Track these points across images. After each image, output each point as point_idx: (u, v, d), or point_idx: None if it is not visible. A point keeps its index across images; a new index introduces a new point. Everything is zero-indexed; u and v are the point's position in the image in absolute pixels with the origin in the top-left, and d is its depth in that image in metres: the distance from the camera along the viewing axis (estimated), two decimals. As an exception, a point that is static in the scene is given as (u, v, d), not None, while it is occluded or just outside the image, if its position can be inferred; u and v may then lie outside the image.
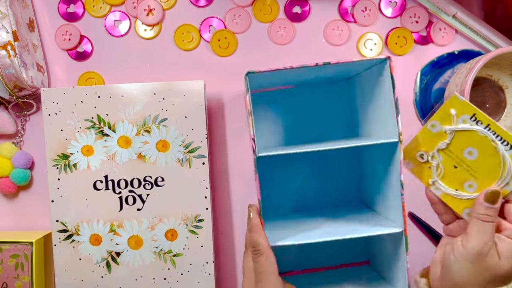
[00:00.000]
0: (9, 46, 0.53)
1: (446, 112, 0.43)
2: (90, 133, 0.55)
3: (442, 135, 0.44)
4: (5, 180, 0.59)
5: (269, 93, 0.60)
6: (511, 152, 0.42)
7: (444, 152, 0.44)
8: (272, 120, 0.60)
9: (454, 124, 0.43)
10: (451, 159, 0.44)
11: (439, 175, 0.45)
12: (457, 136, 0.43)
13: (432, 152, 0.44)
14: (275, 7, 0.60)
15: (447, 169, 0.44)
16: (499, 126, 0.41)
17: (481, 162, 0.43)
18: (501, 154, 0.42)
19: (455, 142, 0.43)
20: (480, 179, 0.43)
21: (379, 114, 0.51)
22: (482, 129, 0.42)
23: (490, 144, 0.42)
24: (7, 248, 0.55)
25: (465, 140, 0.43)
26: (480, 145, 0.42)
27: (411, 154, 0.46)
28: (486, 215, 0.41)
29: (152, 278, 0.56)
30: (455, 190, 0.44)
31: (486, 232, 0.40)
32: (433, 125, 0.44)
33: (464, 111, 0.43)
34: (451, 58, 0.60)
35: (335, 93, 0.60)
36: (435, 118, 0.44)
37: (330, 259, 0.60)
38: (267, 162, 0.60)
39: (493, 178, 0.42)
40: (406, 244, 0.47)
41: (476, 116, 0.42)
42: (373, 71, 0.51)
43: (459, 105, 0.43)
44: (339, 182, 0.61)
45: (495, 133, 0.42)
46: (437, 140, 0.44)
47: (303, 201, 0.61)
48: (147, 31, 0.60)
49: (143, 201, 0.56)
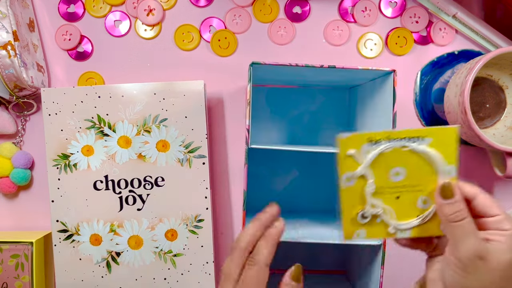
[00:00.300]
0: (9, 46, 0.53)
1: (346, 157, 0.38)
2: (90, 133, 0.55)
3: (362, 181, 0.39)
4: (5, 180, 0.59)
5: (270, 90, 0.60)
6: (426, 141, 0.38)
7: (377, 193, 0.39)
8: (270, 118, 0.61)
9: (363, 161, 0.38)
10: (388, 194, 0.39)
11: (393, 218, 0.39)
12: (374, 170, 0.38)
13: (368, 203, 0.39)
14: (275, 7, 0.60)
15: (394, 206, 0.39)
16: (395, 130, 0.38)
17: (413, 173, 0.38)
18: (420, 151, 0.38)
19: (377, 176, 0.38)
20: (425, 188, 0.38)
21: (377, 125, 0.51)
22: (386, 144, 0.38)
23: (405, 152, 0.38)
24: (7, 248, 0.55)
25: (383, 167, 0.38)
26: (398, 160, 0.38)
27: (353, 225, 0.39)
28: (456, 212, 0.36)
29: (152, 278, 0.56)
30: (417, 217, 0.39)
31: (467, 231, 0.36)
32: (348, 179, 0.39)
33: (358, 143, 0.38)
34: (451, 58, 0.60)
35: (336, 99, 0.61)
36: (343, 172, 0.38)
37: (306, 263, 0.60)
38: (258, 157, 0.60)
39: (434, 177, 0.38)
40: (383, 258, 0.47)
41: (371, 139, 0.38)
42: (376, 82, 0.51)
43: (351, 142, 0.38)
44: (328, 187, 0.61)
45: (399, 138, 0.38)
46: (362, 190, 0.39)
47: (289, 202, 0.61)
48: (147, 31, 0.60)
49: (143, 201, 0.56)
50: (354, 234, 0.39)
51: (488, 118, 0.57)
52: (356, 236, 0.39)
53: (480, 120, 0.57)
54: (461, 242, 0.35)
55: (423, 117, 0.60)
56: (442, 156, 0.38)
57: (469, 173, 0.61)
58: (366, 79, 0.54)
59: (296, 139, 0.61)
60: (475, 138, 0.51)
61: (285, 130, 0.61)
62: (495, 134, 0.57)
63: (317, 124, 0.61)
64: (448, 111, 0.54)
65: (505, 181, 0.62)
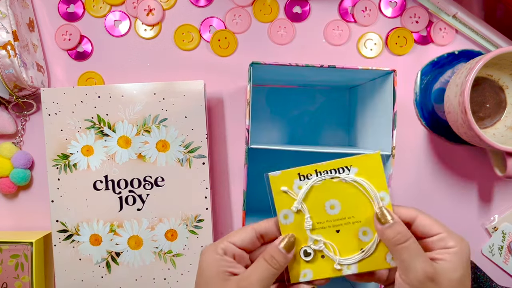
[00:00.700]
0: (9, 46, 0.53)
1: (280, 194, 0.38)
2: (90, 133, 0.55)
3: (300, 217, 0.38)
4: (5, 180, 0.59)
5: (270, 90, 0.60)
6: (353, 171, 0.37)
7: (316, 228, 0.38)
8: (270, 118, 0.61)
9: (296, 197, 0.38)
10: (327, 228, 0.38)
11: (336, 253, 0.38)
12: (309, 204, 0.38)
13: (309, 239, 0.38)
14: (275, 7, 0.60)
15: (335, 240, 0.38)
16: (323, 163, 0.38)
17: (348, 205, 0.38)
18: (350, 181, 0.37)
19: (313, 210, 0.38)
20: (363, 219, 0.38)
21: (377, 125, 0.51)
22: (316, 178, 0.38)
23: (335, 183, 0.38)
24: (7, 248, 0.55)
25: (317, 200, 0.38)
26: (330, 192, 0.38)
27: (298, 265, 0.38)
28: (397, 234, 0.35)
29: (152, 278, 0.56)
30: (361, 250, 0.38)
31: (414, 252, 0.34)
32: (285, 216, 0.38)
33: (290, 179, 0.38)
34: (451, 58, 0.60)
35: (336, 100, 0.61)
36: (279, 208, 0.38)
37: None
38: (258, 157, 0.60)
39: (369, 206, 0.37)
40: None
41: (301, 174, 0.38)
42: (376, 82, 0.51)
43: (282, 179, 0.38)
44: None
45: (327, 171, 0.38)
46: (301, 226, 0.38)
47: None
48: (147, 31, 0.60)
49: (143, 201, 0.56)
50: (300, 274, 0.38)
51: (488, 118, 0.57)
52: (302, 276, 0.38)
53: (480, 120, 0.57)
54: (409, 266, 0.34)
55: (423, 117, 0.60)
56: (372, 184, 0.37)
57: (469, 173, 0.61)
58: (366, 79, 0.54)
59: (296, 139, 0.61)
60: (475, 138, 0.50)
61: (285, 130, 0.61)
62: (495, 134, 0.57)
63: (317, 124, 0.61)
64: (448, 111, 0.54)
65: (505, 181, 0.62)
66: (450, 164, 0.61)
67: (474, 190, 0.62)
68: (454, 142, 0.61)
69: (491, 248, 0.61)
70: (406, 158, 0.61)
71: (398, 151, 0.61)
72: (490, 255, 0.61)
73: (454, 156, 0.61)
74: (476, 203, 0.62)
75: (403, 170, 0.61)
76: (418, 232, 0.36)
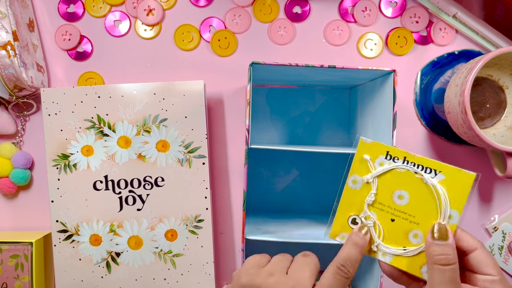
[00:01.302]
0: (9, 46, 0.52)
1: (361, 160, 0.38)
2: (90, 133, 0.55)
3: (367, 189, 0.38)
4: (5, 180, 0.59)
5: (270, 90, 0.60)
6: (439, 178, 0.36)
7: (375, 206, 0.38)
8: (270, 118, 0.61)
9: (373, 170, 0.38)
10: (385, 212, 0.38)
11: (380, 237, 0.38)
12: (381, 183, 0.38)
13: (363, 212, 0.38)
14: (275, 7, 0.60)
15: (386, 226, 0.38)
16: (415, 155, 0.37)
17: (415, 203, 0.37)
18: (430, 184, 0.36)
19: (381, 191, 0.38)
20: (422, 223, 0.37)
21: (377, 125, 0.51)
22: (400, 164, 0.37)
23: (416, 178, 0.37)
24: (7, 248, 0.55)
25: (390, 184, 0.38)
26: (406, 183, 0.37)
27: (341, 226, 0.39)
28: (444, 255, 0.34)
29: (152, 278, 0.56)
30: (403, 248, 0.37)
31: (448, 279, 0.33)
32: (354, 181, 0.38)
33: (377, 152, 0.38)
34: (451, 58, 0.60)
35: (336, 100, 0.61)
36: (353, 172, 0.38)
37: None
38: (258, 157, 0.60)
39: (434, 215, 0.37)
40: None
41: (390, 153, 0.37)
42: (376, 82, 0.51)
43: (370, 148, 0.38)
44: (328, 188, 0.61)
45: (415, 163, 0.37)
46: (364, 197, 0.38)
47: (289, 202, 0.61)
48: (147, 31, 0.60)
49: (143, 201, 0.56)
50: (339, 235, 0.39)
51: (488, 118, 0.57)
52: (340, 238, 0.39)
53: (480, 120, 0.57)
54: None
55: (423, 117, 0.60)
56: (450, 198, 0.36)
57: (469, 173, 0.61)
58: (366, 79, 0.54)
59: (296, 139, 0.61)
60: (475, 138, 0.50)
61: (285, 130, 0.61)
62: (495, 134, 0.57)
63: (317, 124, 0.61)
64: (448, 111, 0.54)
65: (505, 181, 0.62)
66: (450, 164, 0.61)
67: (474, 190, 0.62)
68: (454, 142, 0.61)
69: (491, 248, 0.61)
70: (406, 158, 0.61)
71: (398, 151, 0.61)
72: (490, 255, 0.61)
73: (454, 156, 0.61)
74: (476, 203, 0.62)
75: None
76: (472, 264, 0.35)
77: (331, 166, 0.61)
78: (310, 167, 0.61)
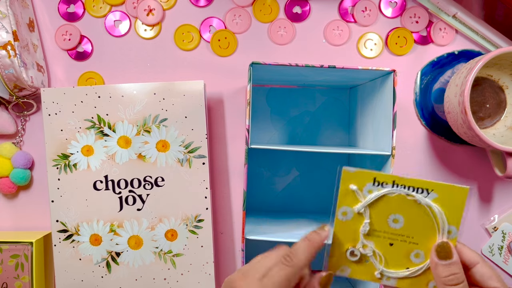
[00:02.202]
0: (9, 46, 0.53)
1: (347, 191, 0.37)
2: (90, 133, 0.55)
3: (359, 218, 0.38)
4: (5, 180, 0.59)
5: (270, 90, 0.60)
6: (432, 197, 0.36)
7: (371, 235, 0.38)
8: (270, 118, 0.61)
9: (363, 199, 0.37)
10: (382, 238, 0.38)
11: (381, 263, 0.38)
12: (373, 211, 0.37)
13: (359, 242, 0.38)
14: (275, 7, 0.60)
15: (385, 252, 0.38)
16: (404, 177, 0.36)
17: (412, 224, 0.37)
18: (424, 204, 0.36)
19: (374, 218, 0.37)
20: (421, 242, 0.37)
21: (377, 125, 0.51)
22: (390, 188, 0.37)
23: (408, 200, 0.37)
24: (7, 248, 0.55)
25: (383, 210, 0.37)
26: (399, 207, 0.37)
27: (340, 259, 0.38)
28: (451, 275, 0.34)
29: (152, 278, 0.56)
30: (407, 269, 0.37)
31: None
32: (344, 213, 0.38)
33: (363, 180, 0.37)
34: (451, 58, 0.60)
35: (336, 99, 0.61)
36: (341, 204, 0.38)
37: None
38: (258, 157, 0.60)
39: (433, 233, 0.37)
40: None
41: (377, 179, 0.37)
42: (376, 82, 0.51)
43: (355, 177, 0.37)
44: (328, 188, 0.61)
45: (405, 186, 0.36)
46: (357, 227, 0.38)
47: (289, 202, 0.61)
48: (147, 31, 0.60)
49: (143, 201, 0.56)
50: (339, 268, 0.39)
51: (488, 118, 0.57)
52: (340, 271, 0.39)
53: (480, 120, 0.57)
54: None
55: (423, 117, 0.60)
56: (446, 215, 0.36)
57: (469, 173, 0.61)
58: (366, 79, 0.54)
59: (296, 139, 0.61)
60: (475, 138, 0.50)
61: (285, 130, 0.61)
62: (495, 134, 0.57)
63: (317, 124, 0.61)
64: (448, 111, 0.54)
65: (505, 181, 0.62)
66: (450, 164, 0.61)
67: (474, 190, 0.62)
68: (454, 142, 0.61)
69: (491, 248, 0.61)
70: (406, 158, 0.61)
71: (398, 151, 0.61)
72: (490, 255, 0.61)
73: (454, 156, 0.61)
74: (476, 203, 0.62)
75: (403, 170, 0.61)
76: (475, 278, 0.35)
77: (331, 166, 0.61)
78: (310, 167, 0.61)
